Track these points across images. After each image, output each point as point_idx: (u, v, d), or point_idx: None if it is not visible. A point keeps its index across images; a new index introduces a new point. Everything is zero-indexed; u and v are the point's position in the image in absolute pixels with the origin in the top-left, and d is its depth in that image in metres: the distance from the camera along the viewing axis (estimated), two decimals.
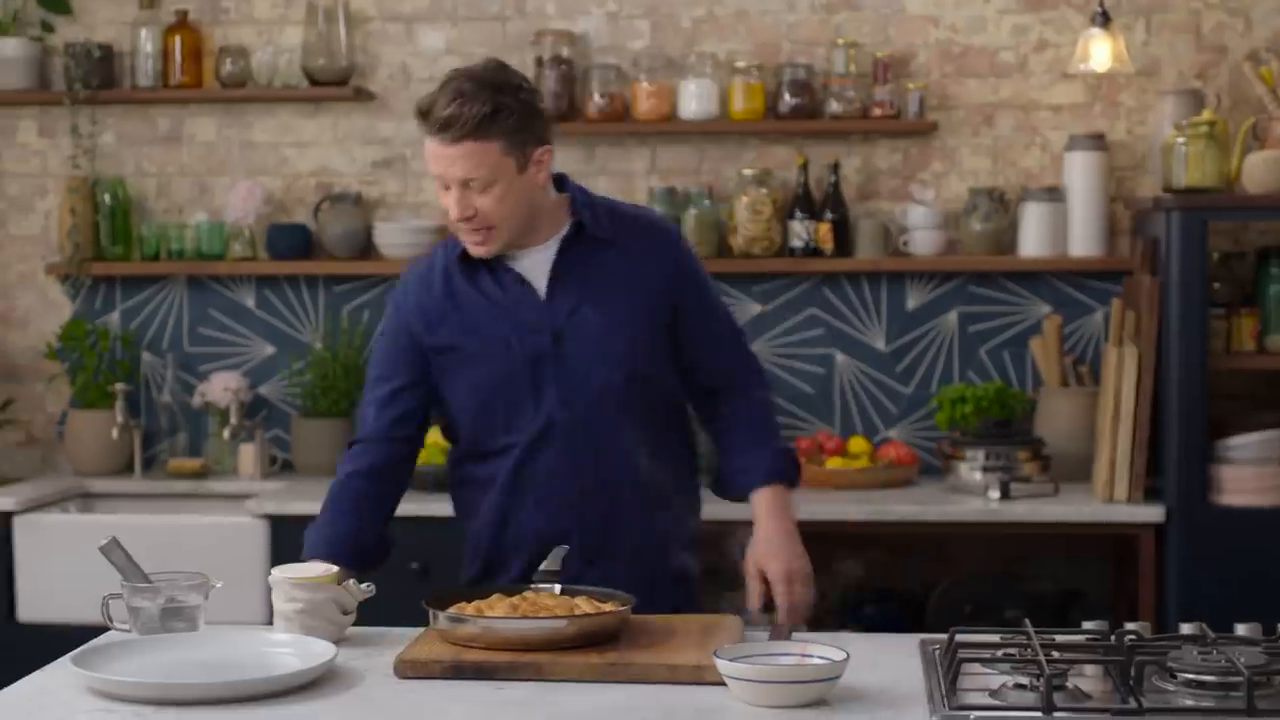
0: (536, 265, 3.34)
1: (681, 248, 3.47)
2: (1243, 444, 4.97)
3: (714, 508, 3.64)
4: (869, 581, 5.50)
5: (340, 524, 3.35)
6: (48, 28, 5.75)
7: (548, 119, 3.30)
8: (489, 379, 3.32)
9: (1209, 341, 4.97)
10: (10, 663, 4.93)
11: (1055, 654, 2.62)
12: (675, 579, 3.43)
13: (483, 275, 3.34)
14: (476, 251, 3.29)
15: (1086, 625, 2.85)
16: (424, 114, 3.19)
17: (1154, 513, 4.95)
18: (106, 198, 5.68)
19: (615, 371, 3.32)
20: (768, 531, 3.38)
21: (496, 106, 3.16)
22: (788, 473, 3.48)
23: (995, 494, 5.05)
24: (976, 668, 2.67)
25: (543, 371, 3.30)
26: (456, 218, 3.22)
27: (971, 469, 5.18)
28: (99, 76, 5.65)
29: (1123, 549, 5.24)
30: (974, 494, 5.14)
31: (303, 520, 4.93)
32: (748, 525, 3.42)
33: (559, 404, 3.30)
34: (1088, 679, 2.64)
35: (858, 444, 5.40)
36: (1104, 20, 5.23)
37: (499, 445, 3.37)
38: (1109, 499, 5.02)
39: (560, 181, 3.40)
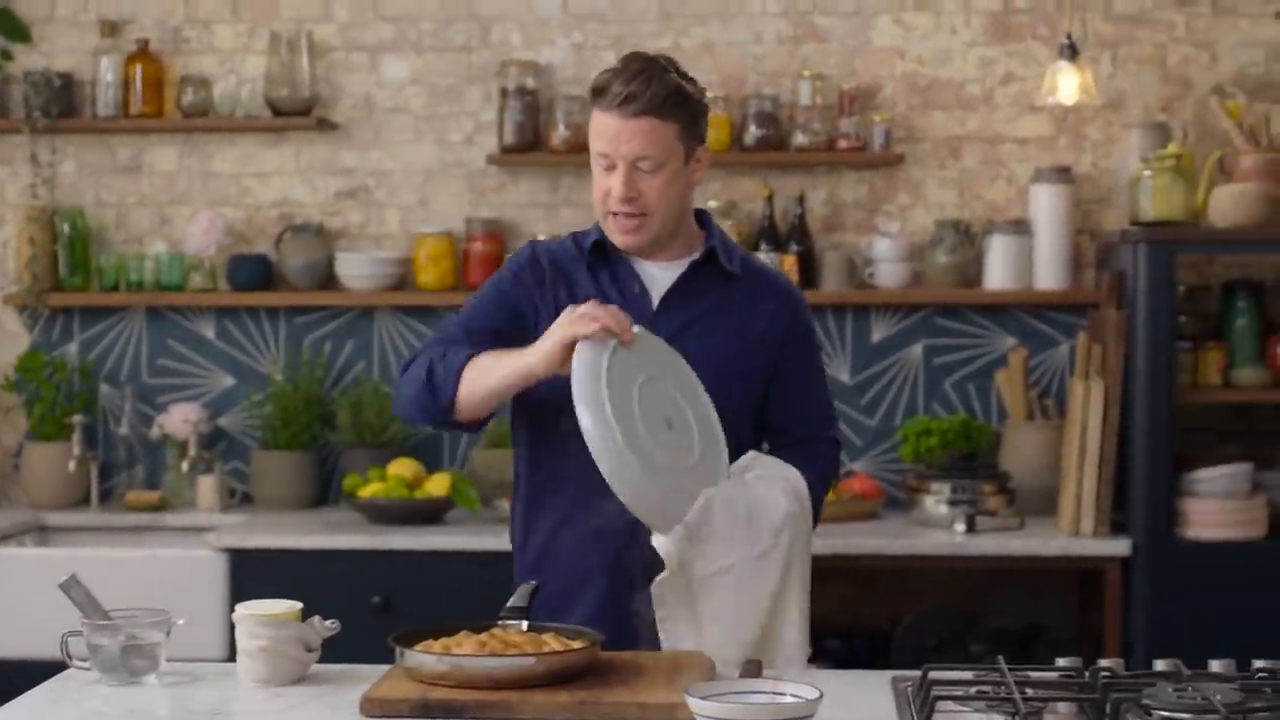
0: (661, 279, 3.25)
1: (799, 311, 3.35)
2: (1209, 477, 4.97)
3: None
4: (833, 615, 5.46)
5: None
6: (7, 55, 5.70)
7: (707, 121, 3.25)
8: None
9: (1175, 375, 4.96)
10: None
11: (1029, 691, 2.59)
12: None
13: (605, 273, 3.25)
14: (625, 241, 3.19)
15: (1060, 662, 2.81)
16: (602, 90, 3.12)
17: (1120, 546, 4.93)
18: (65, 227, 5.62)
19: None
20: None
21: (679, 90, 3.13)
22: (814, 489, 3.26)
23: (961, 527, 5.03)
24: (950, 705, 2.63)
25: None
26: (620, 196, 3.13)
27: (937, 502, 5.16)
28: (59, 105, 5.60)
29: (1088, 583, 5.22)
30: (939, 527, 5.12)
31: (263, 554, 4.97)
32: None
33: None
34: (1061, 716, 2.61)
35: None
36: (1071, 53, 5.22)
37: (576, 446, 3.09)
38: (1075, 533, 5.00)
39: (699, 213, 3.34)
